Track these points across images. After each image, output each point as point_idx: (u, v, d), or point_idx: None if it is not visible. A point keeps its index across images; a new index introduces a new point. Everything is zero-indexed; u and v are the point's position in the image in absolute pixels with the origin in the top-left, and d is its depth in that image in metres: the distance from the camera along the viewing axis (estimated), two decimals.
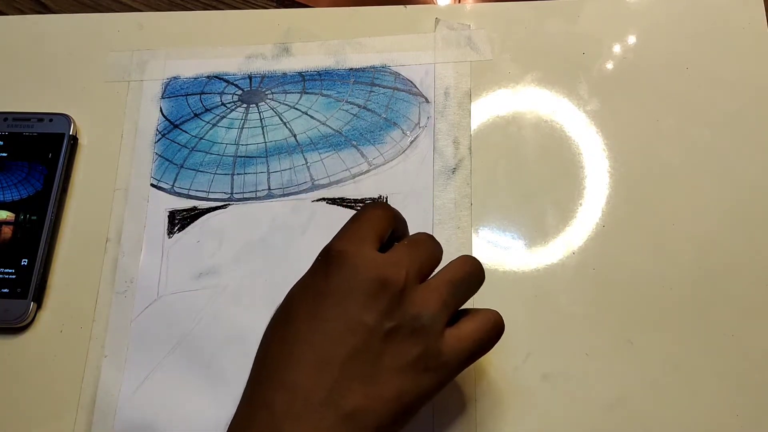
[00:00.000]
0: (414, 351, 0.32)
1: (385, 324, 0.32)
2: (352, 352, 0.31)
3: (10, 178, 0.46)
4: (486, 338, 0.35)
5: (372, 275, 0.32)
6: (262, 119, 0.48)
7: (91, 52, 0.51)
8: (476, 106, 0.48)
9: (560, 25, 0.50)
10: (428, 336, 0.33)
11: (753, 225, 0.44)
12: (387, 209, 0.37)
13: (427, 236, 0.37)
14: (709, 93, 0.47)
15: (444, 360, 0.33)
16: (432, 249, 0.36)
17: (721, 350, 0.41)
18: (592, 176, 0.46)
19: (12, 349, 0.43)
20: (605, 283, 0.43)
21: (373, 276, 0.32)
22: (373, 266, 0.33)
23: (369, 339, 0.32)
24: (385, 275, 0.32)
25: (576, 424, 0.40)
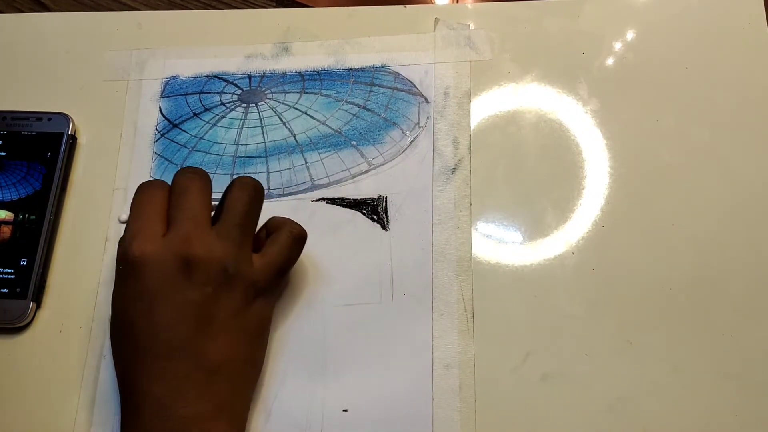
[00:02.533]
0: (236, 294, 0.38)
1: (206, 290, 0.37)
2: (195, 326, 0.36)
3: (8, 178, 0.46)
4: (290, 251, 0.40)
5: (173, 263, 0.36)
6: (261, 119, 0.48)
7: (90, 51, 0.51)
8: (476, 106, 0.48)
9: (560, 25, 0.50)
10: (241, 277, 0.38)
11: (753, 225, 0.44)
12: (158, 186, 0.40)
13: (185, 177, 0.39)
14: (709, 93, 0.47)
15: (261, 284, 0.39)
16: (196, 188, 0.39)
17: (720, 350, 0.41)
18: (592, 176, 0.46)
19: (11, 349, 0.43)
20: (605, 283, 0.43)
21: (173, 263, 0.36)
22: (170, 253, 0.37)
23: (200, 309, 0.37)
24: (182, 256, 0.36)
25: (575, 424, 0.40)
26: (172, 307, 0.36)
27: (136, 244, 0.37)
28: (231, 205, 0.39)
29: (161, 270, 0.37)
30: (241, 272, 0.38)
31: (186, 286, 0.37)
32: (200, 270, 0.37)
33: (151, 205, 0.39)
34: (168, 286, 0.37)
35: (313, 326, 0.42)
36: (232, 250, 0.38)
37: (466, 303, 0.43)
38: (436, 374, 0.41)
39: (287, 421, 0.40)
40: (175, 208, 0.38)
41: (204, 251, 0.37)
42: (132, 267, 0.37)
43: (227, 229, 0.38)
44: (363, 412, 0.40)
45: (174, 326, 0.36)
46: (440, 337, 0.42)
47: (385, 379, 0.41)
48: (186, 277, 0.37)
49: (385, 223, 0.45)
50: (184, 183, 0.39)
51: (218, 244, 0.38)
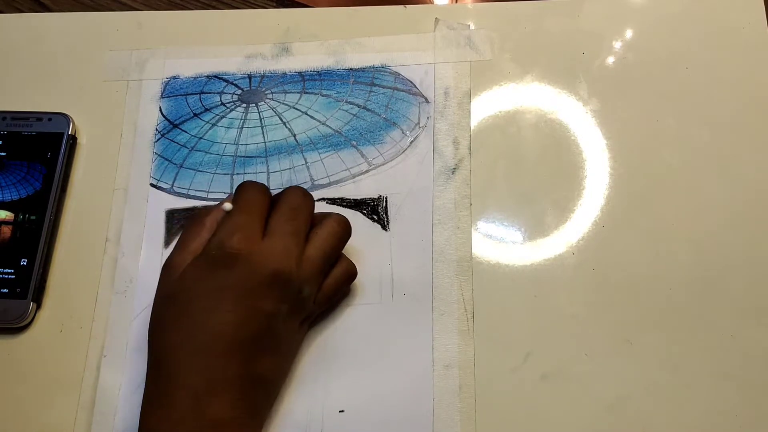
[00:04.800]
0: (299, 318, 0.39)
1: (280, 307, 0.37)
2: (256, 334, 0.37)
3: (9, 178, 0.46)
4: (345, 287, 0.42)
5: (266, 270, 0.37)
6: (261, 119, 0.48)
7: (90, 52, 0.51)
8: (476, 106, 0.48)
9: (560, 25, 0.50)
10: (309, 304, 0.39)
11: (753, 225, 0.44)
12: (262, 191, 0.40)
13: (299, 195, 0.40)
14: (709, 93, 0.47)
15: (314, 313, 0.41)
16: (306, 210, 0.40)
17: (720, 350, 0.41)
18: (592, 176, 0.46)
19: (11, 349, 0.43)
20: (605, 283, 0.43)
21: (267, 270, 0.37)
22: (266, 260, 0.37)
23: (268, 321, 0.37)
24: (276, 268, 0.37)
25: (575, 424, 0.40)
26: (246, 312, 0.36)
27: (239, 238, 0.37)
28: (325, 236, 0.40)
29: (251, 273, 0.37)
30: (310, 300, 0.39)
31: (267, 295, 0.37)
32: (285, 287, 0.37)
33: (257, 204, 0.39)
34: (250, 291, 0.36)
35: (313, 326, 0.42)
36: (314, 278, 0.39)
37: (466, 303, 0.43)
38: (436, 374, 0.41)
39: (287, 421, 0.40)
40: (283, 219, 0.39)
41: (296, 271, 0.38)
42: (224, 259, 0.37)
43: (316, 257, 0.39)
44: (363, 412, 0.40)
45: (240, 328, 0.36)
46: (440, 337, 0.42)
47: (385, 379, 0.41)
48: (269, 289, 0.37)
49: (385, 223, 0.45)
50: (298, 200, 0.40)
51: (307, 268, 0.38)
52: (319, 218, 0.41)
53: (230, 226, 0.38)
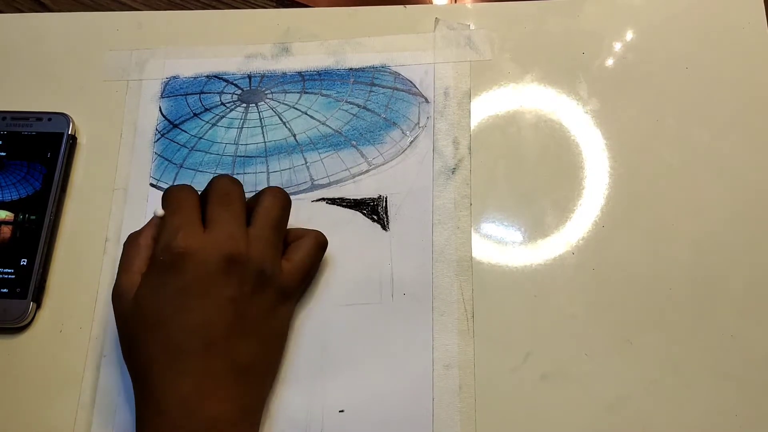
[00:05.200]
0: (269, 296, 0.39)
1: (244, 288, 0.37)
2: (229, 323, 0.37)
3: (8, 178, 0.46)
4: (315, 258, 0.42)
5: (218, 257, 0.37)
6: (261, 119, 0.48)
7: (89, 51, 0.51)
8: (476, 106, 0.48)
9: (560, 25, 0.50)
10: (273, 279, 0.39)
11: (753, 225, 0.44)
12: (186, 189, 0.40)
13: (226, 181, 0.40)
14: (709, 93, 0.47)
15: (290, 289, 0.40)
16: (237, 193, 0.40)
17: (720, 350, 0.41)
18: (592, 176, 0.46)
19: (11, 349, 0.43)
20: (605, 283, 0.43)
21: (219, 258, 0.37)
22: (215, 249, 0.37)
23: (237, 307, 0.37)
24: (225, 253, 0.37)
25: (575, 424, 0.40)
26: (211, 304, 0.37)
27: (182, 237, 0.37)
28: (265, 211, 0.40)
29: (204, 265, 0.37)
30: (275, 275, 0.39)
31: (226, 282, 0.37)
32: (241, 268, 0.37)
33: (188, 201, 0.39)
34: (208, 283, 0.37)
35: (313, 326, 0.42)
36: (269, 253, 0.39)
37: (466, 303, 0.43)
38: (436, 374, 0.41)
39: (287, 421, 0.40)
40: (219, 207, 0.39)
41: (246, 250, 0.38)
42: (174, 261, 0.37)
43: (264, 232, 0.39)
44: (363, 412, 0.40)
45: (211, 323, 0.36)
46: (440, 337, 0.42)
47: (385, 379, 0.41)
48: (227, 275, 0.37)
49: (385, 223, 0.45)
50: (227, 186, 0.40)
51: (258, 245, 0.38)
52: (255, 198, 0.41)
53: (170, 228, 0.38)
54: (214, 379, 0.36)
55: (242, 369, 0.37)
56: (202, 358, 0.36)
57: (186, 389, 0.35)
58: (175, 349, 0.36)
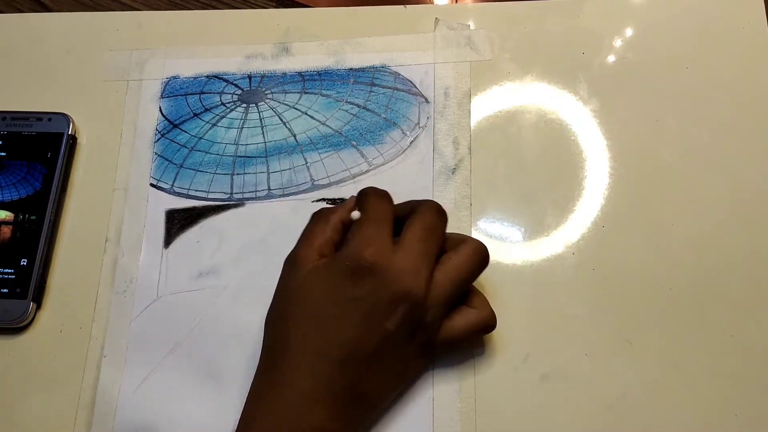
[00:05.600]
0: (418, 343, 0.38)
1: (403, 328, 0.37)
2: (373, 351, 0.36)
3: (9, 178, 0.46)
4: (470, 335, 0.40)
5: (396, 288, 0.36)
6: (261, 119, 0.48)
7: (89, 51, 0.51)
8: (476, 106, 0.48)
9: (560, 25, 0.50)
10: (431, 330, 0.38)
11: (753, 225, 0.44)
12: (387, 199, 0.40)
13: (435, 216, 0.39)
14: (709, 93, 0.47)
15: (433, 346, 0.39)
16: (441, 230, 0.39)
17: (720, 350, 0.41)
18: (592, 176, 0.46)
19: (12, 349, 0.43)
20: (605, 283, 0.43)
21: (396, 289, 0.36)
22: (397, 278, 0.36)
23: (388, 340, 0.37)
24: (407, 288, 0.36)
25: (575, 424, 0.40)
26: (368, 326, 0.36)
27: (372, 252, 0.37)
28: (461, 265, 0.38)
29: (381, 288, 0.36)
30: (431, 327, 0.38)
31: (390, 315, 0.36)
32: (410, 309, 0.37)
33: (385, 215, 0.39)
34: (376, 306, 0.36)
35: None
36: (441, 306, 0.38)
37: None
38: (436, 374, 0.41)
39: None
40: (417, 239, 0.38)
41: (423, 296, 0.37)
42: (357, 271, 0.36)
43: (448, 285, 0.38)
44: None
45: (356, 341, 0.36)
46: None
47: None
48: (394, 308, 0.36)
49: None
50: (434, 219, 0.39)
51: (436, 296, 0.37)
52: (455, 241, 0.40)
53: (363, 237, 0.37)
54: (334, 395, 0.36)
55: (362, 398, 0.37)
56: (334, 371, 0.36)
57: (305, 390, 0.35)
58: (314, 348, 0.36)
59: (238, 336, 0.43)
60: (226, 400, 0.41)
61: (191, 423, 0.41)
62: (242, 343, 0.42)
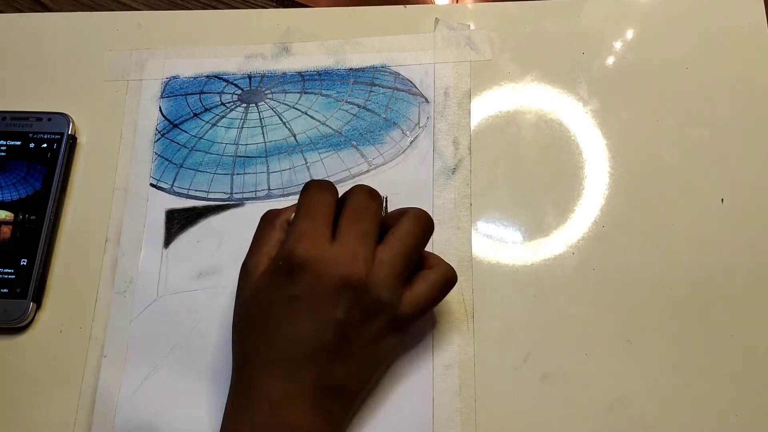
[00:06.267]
0: (379, 324, 0.37)
1: (354, 314, 0.36)
2: (330, 343, 0.36)
3: (8, 178, 0.46)
4: (438, 294, 0.39)
5: (335, 276, 0.36)
6: (261, 119, 0.48)
7: (89, 51, 0.51)
8: (476, 106, 0.48)
9: (560, 25, 0.50)
10: (389, 309, 0.37)
11: (753, 225, 0.44)
12: (327, 190, 0.39)
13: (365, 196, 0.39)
14: (709, 93, 0.47)
15: (403, 320, 0.38)
16: (373, 210, 0.38)
17: (720, 350, 0.41)
18: (592, 176, 0.46)
19: (12, 349, 0.43)
20: (605, 283, 0.43)
21: (336, 277, 0.36)
22: (334, 266, 0.36)
23: (342, 329, 0.36)
24: (346, 273, 0.36)
25: (576, 424, 0.40)
26: (317, 320, 0.36)
27: (304, 246, 0.36)
28: (402, 235, 0.38)
29: (320, 281, 0.36)
30: (392, 305, 0.37)
31: (337, 304, 0.36)
32: (356, 294, 0.36)
33: (323, 207, 0.38)
34: (320, 299, 0.36)
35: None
36: (392, 283, 0.37)
37: (466, 303, 0.43)
38: (436, 374, 0.41)
39: None
40: (350, 222, 0.37)
41: (366, 276, 0.36)
42: (293, 268, 0.36)
43: (393, 259, 0.37)
44: (363, 413, 0.40)
45: (312, 338, 0.36)
46: (440, 337, 0.42)
47: (384, 379, 0.41)
48: (339, 296, 0.36)
49: None
50: (363, 201, 0.38)
51: (381, 272, 0.37)
52: (395, 217, 0.39)
53: (296, 233, 0.37)
54: (305, 390, 0.36)
55: (334, 388, 0.36)
56: (297, 368, 0.36)
57: (276, 393, 0.35)
58: (273, 353, 0.36)
59: None
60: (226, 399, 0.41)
61: (191, 423, 0.41)
62: None
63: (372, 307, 0.37)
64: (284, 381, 0.36)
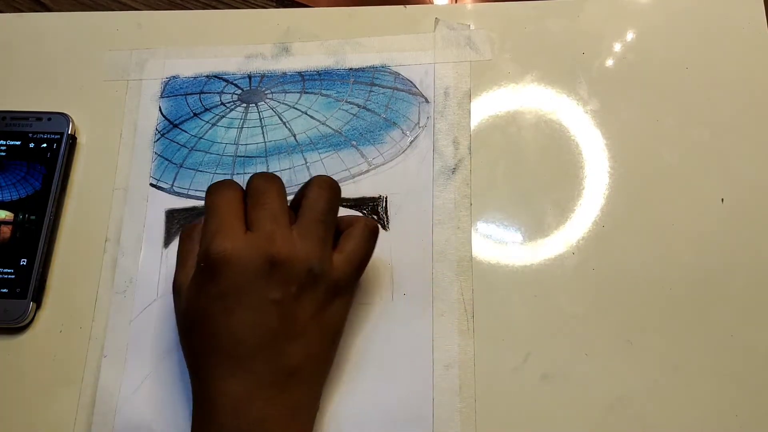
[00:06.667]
0: (319, 294, 0.37)
1: (290, 290, 0.36)
2: (276, 327, 0.36)
3: (8, 178, 0.46)
4: (368, 246, 0.40)
5: (257, 260, 0.36)
6: (261, 119, 0.48)
7: (89, 51, 0.51)
8: (476, 106, 0.48)
9: (560, 25, 0.50)
10: (324, 276, 0.37)
11: (753, 225, 0.44)
12: (229, 186, 0.39)
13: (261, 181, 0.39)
14: (709, 93, 0.47)
15: (343, 283, 0.38)
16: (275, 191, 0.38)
17: (720, 350, 0.41)
18: (592, 176, 0.46)
19: (11, 349, 0.43)
20: (605, 283, 0.43)
21: (258, 260, 0.36)
22: (254, 252, 0.36)
23: (283, 309, 0.36)
24: (267, 255, 0.36)
25: (576, 424, 0.40)
26: (254, 307, 0.36)
27: (218, 242, 0.36)
28: (311, 203, 0.38)
29: (244, 269, 0.36)
30: (325, 271, 0.37)
31: (269, 285, 0.36)
32: (285, 269, 0.36)
33: (229, 203, 0.38)
34: (250, 286, 0.36)
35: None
36: (317, 249, 0.37)
37: (466, 303, 0.43)
38: (436, 374, 0.41)
39: None
40: (256, 208, 0.37)
41: (289, 250, 0.36)
42: (213, 265, 0.36)
43: (310, 227, 0.37)
44: (363, 413, 0.40)
45: (255, 327, 0.36)
46: (440, 337, 0.42)
47: (385, 379, 0.41)
48: (269, 277, 0.36)
49: (385, 223, 0.45)
50: (261, 184, 0.38)
51: (302, 243, 0.37)
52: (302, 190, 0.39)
53: (207, 233, 0.37)
54: (261, 381, 0.35)
55: (290, 370, 0.36)
56: (248, 361, 0.35)
57: (234, 390, 0.35)
58: (221, 353, 0.36)
59: None
60: None
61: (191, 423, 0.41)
62: None
63: (306, 278, 0.36)
64: (239, 378, 0.35)
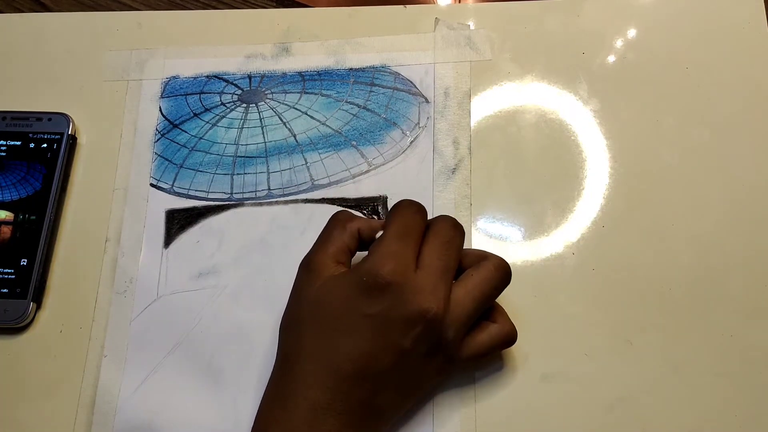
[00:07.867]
0: (437, 361, 0.37)
1: (417, 347, 0.36)
2: (387, 367, 0.36)
3: (8, 178, 0.46)
4: (495, 349, 0.39)
5: (414, 306, 0.35)
6: (261, 119, 0.48)
7: (89, 51, 0.51)
8: (476, 106, 0.48)
9: (560, 25, 0.50)
10: (449, 348, 0.37)
11: (753, 225, 0.44)
12: (420, 213, 0.38)
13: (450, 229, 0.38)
14: (709, 93, 0.47)
15: (456, 363, 0.38)
16: (457, 243, 0.38)
17: (720, 350, 0.41)
18: (592, 176, 0.46)
19: (12, 349, 0.43)
20: (605, 283, 0.43)
21: (414, 307, 0.35)
22: (413, 298, 0.35)
23: (402, 358, 0.36)
24: (424, 308, 0.35)
25: (575, 424, 0.40)
26: (383, 343, 0.36)
27: (391, 269, 0.35)
28: (481, 282, 0.37)
29: (397, 306, 0.35)
30: (452, 345, 0.37)
31: (406, 334, 0.36)
32: (426, 327, 0.36)
33: (414, 230, 0.37)
34: (392, 324, 0.35)
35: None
36: (460, 324, 0.37)
37: None
38: None
39: None
40: (435, 255, 0.37)
41: (443, 315, 0.36)
42: (374, 288, 0.35)
43: (468, 301, 0.37)
44: None
45: (372, 359, 0.35)
46: None
47: None
48: (411, 328, 0.36)
49: None
50: (449, 233, 0.38)
51: (454, 312, 0.36)
52: (476, 257, 0.39)
53: (384, 254, 0.36)
54: (347, 407, 0.35)
55: (375, 411, 0.36)
56: (348, 384, 0.35)
57: (319, 402, 0.35)
58: (328, 361, 0.35)
59: (238, 336, 0.43)
60: (226, 400, 0.41)
61: (191, 423, 0.41)
62: (242, 343, 0.42)
63: (438, 343, 0.36)
64: (331, 393, 0.35)
